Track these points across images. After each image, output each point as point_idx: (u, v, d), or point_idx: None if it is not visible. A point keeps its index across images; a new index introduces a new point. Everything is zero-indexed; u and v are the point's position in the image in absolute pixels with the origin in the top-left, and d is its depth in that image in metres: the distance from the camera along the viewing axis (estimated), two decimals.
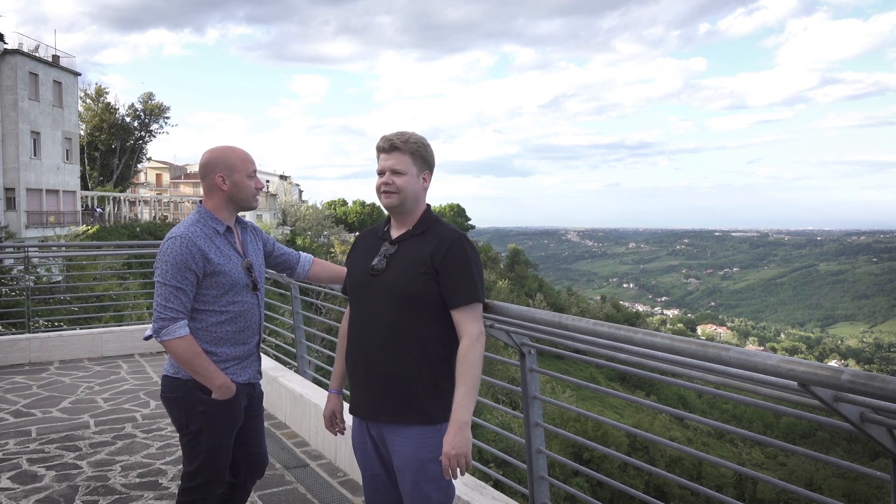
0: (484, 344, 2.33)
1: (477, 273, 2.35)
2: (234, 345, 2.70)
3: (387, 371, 2.34)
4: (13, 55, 31.12)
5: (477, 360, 2.27)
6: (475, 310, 2.33)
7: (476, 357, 2.27)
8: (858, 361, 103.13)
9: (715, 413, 54.12)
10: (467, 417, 2.22)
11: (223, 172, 2.68)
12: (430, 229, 2.40)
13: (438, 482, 2.32)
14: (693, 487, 2.60)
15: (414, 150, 2.39)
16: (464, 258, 2.32)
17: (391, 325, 2.33)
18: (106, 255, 16.93)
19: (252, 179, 2.73)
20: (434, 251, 2.32)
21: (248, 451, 2.87)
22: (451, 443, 2.19)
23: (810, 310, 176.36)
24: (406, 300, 2.31)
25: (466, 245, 2.34)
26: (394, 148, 2.39)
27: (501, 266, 77.79)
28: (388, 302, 2.34)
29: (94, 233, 30.29)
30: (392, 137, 2.39)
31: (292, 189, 71.69)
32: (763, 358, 1.84)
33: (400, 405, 2.33)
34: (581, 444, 8.12)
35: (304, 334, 5.80)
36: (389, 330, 2.33)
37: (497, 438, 25.90)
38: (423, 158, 2.41)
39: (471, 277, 2.32)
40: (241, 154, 2.72)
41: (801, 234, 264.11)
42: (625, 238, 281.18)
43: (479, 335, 2.31)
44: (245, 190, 2.71)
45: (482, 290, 2.36)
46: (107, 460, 4.54)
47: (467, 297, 2.30)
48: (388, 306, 2.34)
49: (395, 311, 2.32)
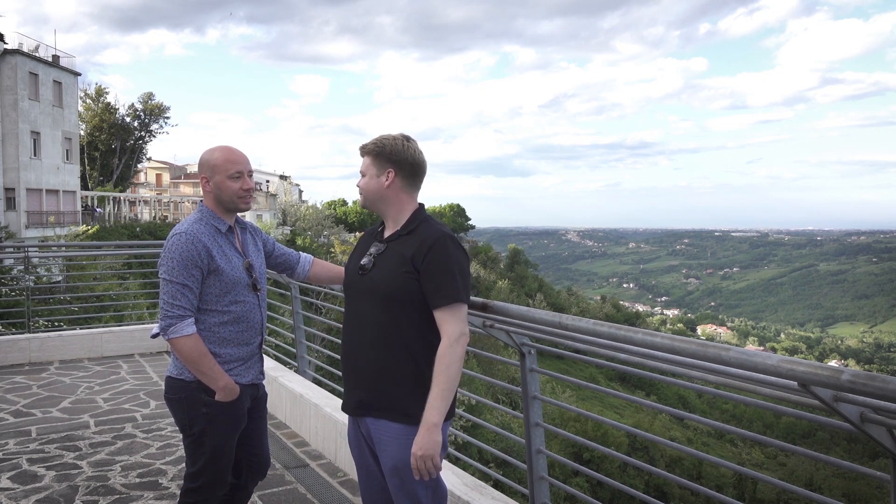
0: (465, 345, 2.29)
1: (459, 273, 2.31)
2: (238, 345, 2.69)
3: (372, 369, 2.36)
4: (13, 55, 31.12)
5: (453, 361, 2.23)
6: (456, 310, 2.28)
7: (453, 358, 2.23)
8: (858, 361, 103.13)
9: (715, 413, 54.15)
10: (437, 419, 2.20)
11: (206, 174, 2.68)
12: (417, 229, 2.38)
13: (426, 483, 2.32)
14: (693, 487, 2.60)
15: (370, 150, 2.43)
16: (444, 258, 2.28)
17: (376, 324, 2.35)
18: (106, 255, 16.94)
19: (236, 181, 2.66)
20: (416, 251, 2.31)
21: (250, 453, 2.86)
22: (419, 444, 2.20)
23: (810, 310, 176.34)
24: (389, 299, 2.32)
25: (449, 244, 2.31)
26: (364, 153, 2.46)
27: (501, 266, 77.77)
28: (373, 300, 2.36)
29: (94, 233, 30.29)
30: (365, 144, 2.46)
31: (292, 189, 71.66)
32: (763, 358, 1.84)
33: (384, 404, 2.34)
34: (581, 444, 8.12)
35: (304, 334, 5.80)
36: (374, 328, 2.35)
37: (497, 438, 25.90)
38: (381, 156, 2.41)
39: (452, 277, 2.28)
40: (227, 155, 2.67)
41: (801, 234, 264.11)
42: (625, 238, 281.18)
43: (460, 336, 2.26)
44: (226, 192, 2.66)
45: (466, 290, 2.32)
46: (107, 460, 4.54)
47: (448, 297, 2.27)
48: (373, 305, 2.35)
49: (380, 309, 2.34)
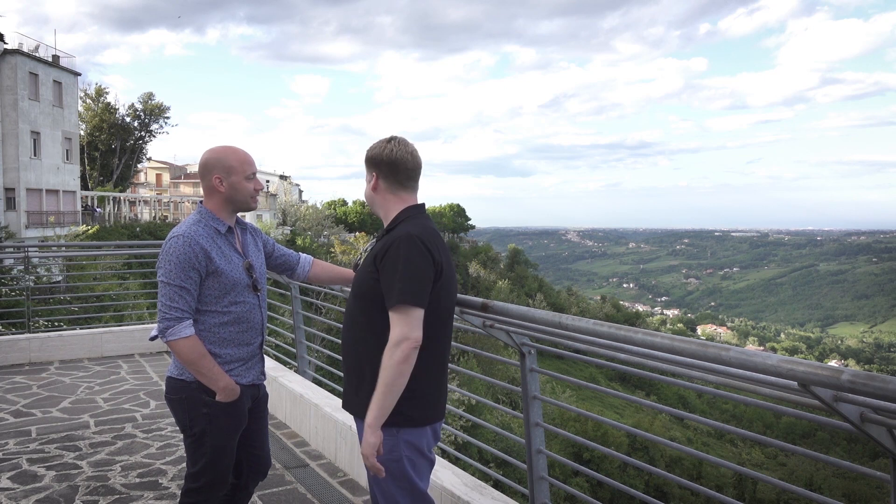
0: (407, 350, 2.19)
1: (410, 274, 2.22)
2: (238, 346, 2.69)
3: (348, 366, 2.43)
4: (13, 55, 31.11)
5: (391, 364, 2.18)
6: (403, 312, 2.21)
7: (390, 362, 2.18)
8: (858, 361, 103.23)
9: (715, 413, 54.19)
10: (372, 420, 2.19)
11: (220, 174, 2.66)
12: (394, 229, 2.38)
13: (401, 489, 2.32)
14: (693, 487, 2.60)
15: (368, 158, 2.48)
16: (396, 259, 2.24)
17: (351, 323, 2.42)
18: (106, 255, 16.93)
19: (251, 181, 2.70)
20: (379, 251, 2.32)
21: (251, 453, 2.86)
22: (362, 443, 2.25)
23: (810, 310, 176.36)
24: (360, 299, 2.37)
25: (406, 245, 2.25)
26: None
27: (501, 266, 77.79)
28: (353, 299, 2.43)
29: (94, 233, 30.28)
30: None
31: (292, 189, 71.67)
32: (763, 358, 1.84)
33: (354, 400, 2.38)
34: (581, 444, 8.11)
35: (304, 334, 5.80)
36: (349, 327, 2.42)
37: (497, 438, 25.93)
38: (367, 161, 2.48)
39: (400, 278, 2.22)
40: (240, 155, 2.69)
41: (801, 234, 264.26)
42: (625, 238, 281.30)
43: (402, 340, 2.18)
44: (242, 192, 2.68)
45: (417, 292, 2.22)
46: (107, 460, 4.54)
47: (395, 298, 2.22)
48: (353, 304, 2.42)
49: (354, 307, 2.40)
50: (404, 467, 2.30)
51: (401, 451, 2.30)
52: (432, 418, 2.37)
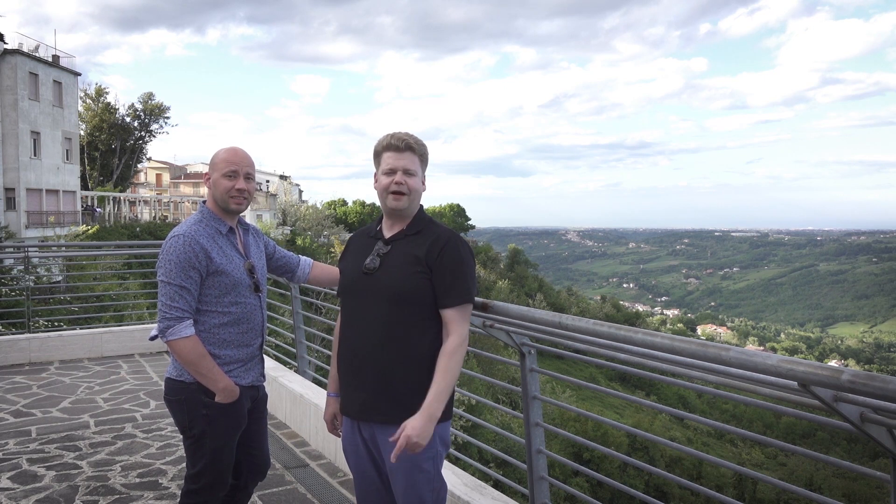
0: (466, 347, 2.32)
1: (470, 274, 2.34)
2: (238, 347, 2.68)
3: (379, 371, 2.32)
4: (13, 55, 31.09)
5: (461, 360, 2.27)
6: (465, 310, 2.32)
7: (461, 357, 2.27)
8: (858, 361, 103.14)
9: (715, 413, 54.11)
10: (437, 412, 2.20)
11: (209, 172, 2.70)
12: (425, 229, 2.38)
13: (431, 483, 2.33)
14: (693, 487, 2.60)
15: (422, 153, 2.41)
16: (458, 258, 2.31)
17: (384, 325, 2.31)
18: (106, 255, 16.92)
19: (231, 179, 2.64)
20: (429, 250, 2.31)
21: (250, 454, 2.86)
22: (416, 428, 2.14)
23: (810, 310, 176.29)
24: (399, 299, 2.29)
25: (461, 245, 2.34)
26: (408, 148, 2.36)
27: (501, 266, 77.72)
28: (381, 301, 2.32)
29: (94, 233, 30.26)
30: (406, 137, 2.36)
31: (292, 189, 71.61)
32: (763, 358, 1.84)
33: (391, 405, 2.31)
34: (581, 444, 8.12)
35: (304, 334, 5.80)
36: (382, 329, 2.31)
37: (497, 438, 25.88)
38: (424, 158, 2.43)
39: (464, 277, 2.31)
40: (227, 153, 2.68)
41: (801, 234, 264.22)
42: (625, 238, 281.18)
43: (466, 338, 2.31)
44: (219, 188, 2.65)
45: (475, 291, 2.37)
46: (107, 460, 4.54)
47: (460, 297, 2.30)
48: (381, 305, 2.32)
49: (388, 310, 2.31)
50: (438, 462, 2.36)
51: (437, 448, 2.33)
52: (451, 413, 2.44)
